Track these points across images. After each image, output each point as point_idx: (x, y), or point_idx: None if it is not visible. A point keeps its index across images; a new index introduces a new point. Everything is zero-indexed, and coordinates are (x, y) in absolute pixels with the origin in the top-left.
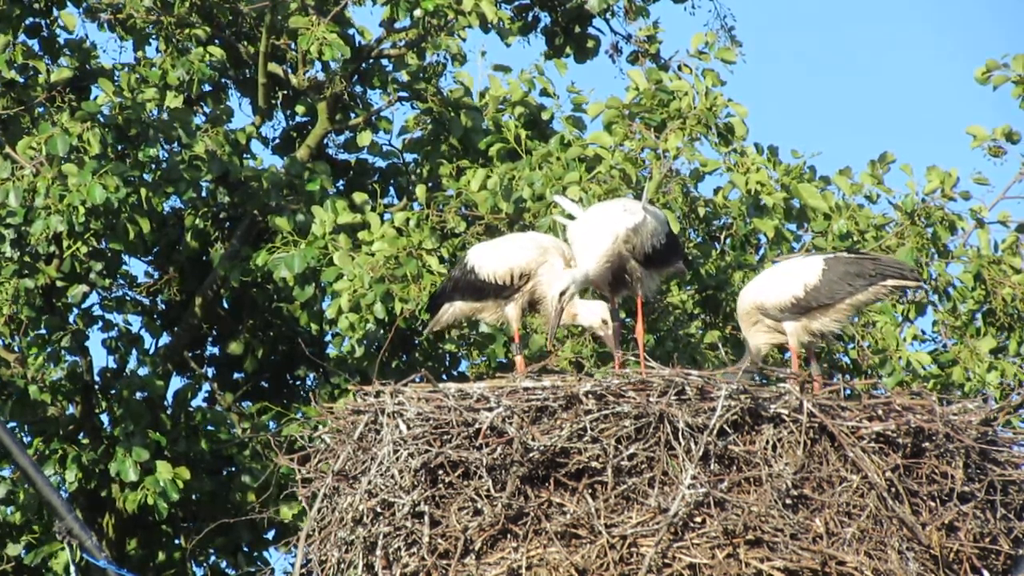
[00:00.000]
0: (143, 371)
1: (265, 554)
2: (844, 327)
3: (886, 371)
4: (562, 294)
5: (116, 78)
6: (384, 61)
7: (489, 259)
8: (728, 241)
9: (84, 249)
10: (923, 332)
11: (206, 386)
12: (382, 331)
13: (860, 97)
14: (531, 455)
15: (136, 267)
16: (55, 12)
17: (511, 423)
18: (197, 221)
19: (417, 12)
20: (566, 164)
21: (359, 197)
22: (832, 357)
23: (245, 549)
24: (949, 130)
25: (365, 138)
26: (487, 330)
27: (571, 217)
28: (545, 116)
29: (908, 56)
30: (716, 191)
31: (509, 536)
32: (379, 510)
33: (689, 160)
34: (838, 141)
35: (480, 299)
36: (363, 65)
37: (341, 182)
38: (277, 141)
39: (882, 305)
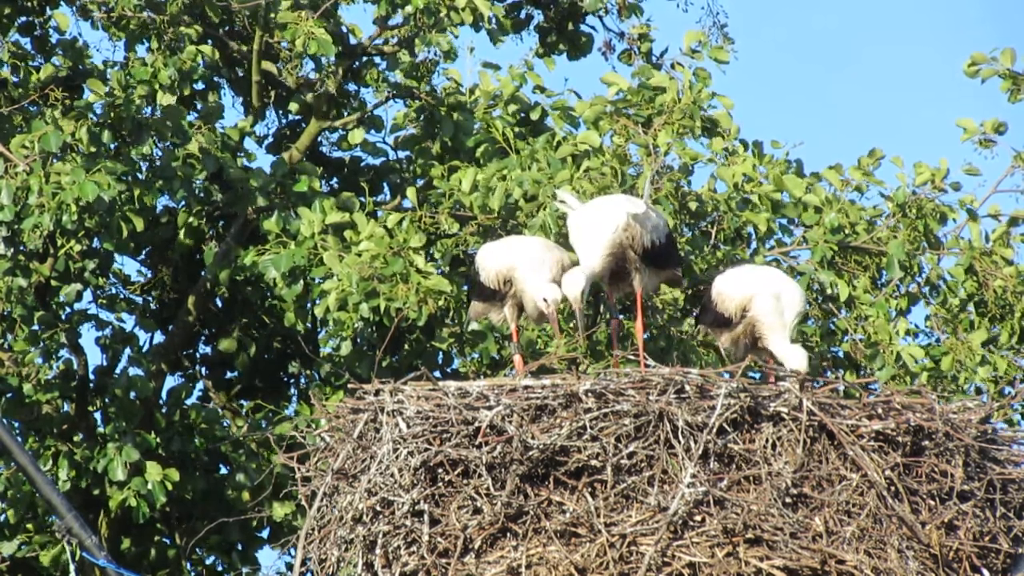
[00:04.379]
0: (133, 371)
1: (259, 553)
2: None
3: (877, 365)
4: (583, 293)
5: (108, 76)
6: (377, 59)
7: (482, 262)
8: (720, 235)
9: (77, 247)
10: (916, 326)
11: (200, 384)
12: (370, 330)
13: (849, 92)
14: (531, 453)
15: (129, 266)
16: (48, 11)
17: (511, 421)
18: (191, 219)
19: (408, 8)
20: (548, 163)
21: (347, 196)
22: (827, 351)
23: (239, 547)
24: (937, 125)
25: (357, 136)
26: (478, 327)
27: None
28: (535, 116)
29: (897, 50)
30: (703, 186)
31: (509, 535)
32: (379, 509)
33: (680, 156)
34: (826, 136)
35: (484, 300)
36: (355, 63)
37: (335, 180)
38: (271, 139)
39: (875, 300)
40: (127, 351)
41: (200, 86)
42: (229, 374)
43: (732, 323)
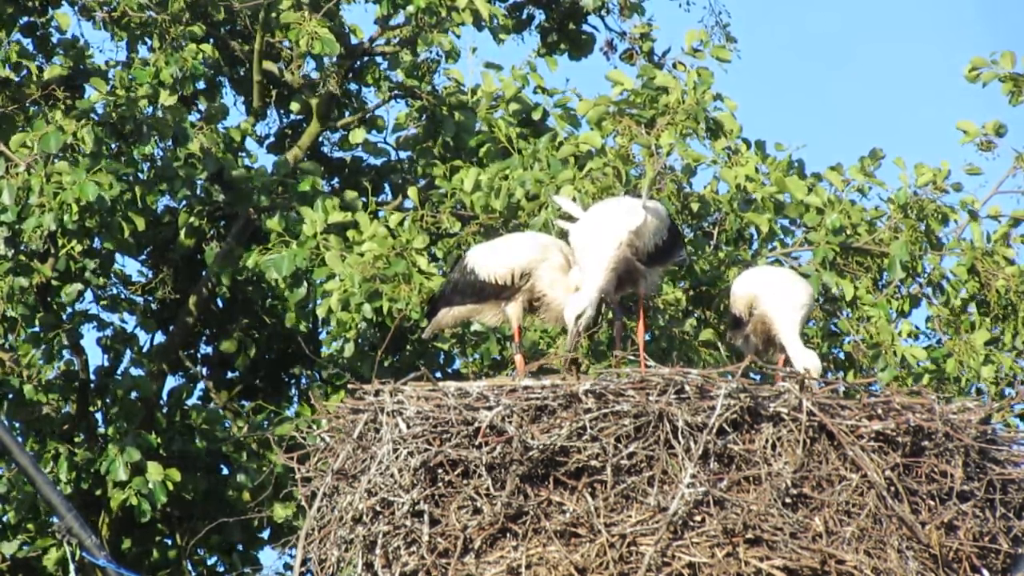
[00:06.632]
0: (135, 371)
1: (259, 553)
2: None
3: (880, 366)
4: (578, 318)
5: (110, 76)
6: (378, 59)
7: (489, 259)
8: (722, 236)
9: (79, 248)
10: (917, 328)
11: (201, 384)
12: (373, 330)
13: (849, 90)
14: (530, 454)
15: (129, 266)
16: (50, 11)
17: (510, 422)
18: (192, 219)
19: (410, 8)
20: (548, 164)
21: (351, 196)
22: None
23: (240, 548)
24: (937, 123)
25: (358, 136)
26: (480, 328)
27: (571, 218)
28: (536, 116)
29: (896, 48)
30: (706, 187)
31: (508, 535)
32: (378, 509)
33: (682, 157)
34: (826, 135)
35: (480, 300)
36: (357, 63)
37: (336, 180)
38: (272, 139)
39: (876, 300)
40: (128, 351)
41: (201, 85)
42: (230, 374)
43: (744, 323)
